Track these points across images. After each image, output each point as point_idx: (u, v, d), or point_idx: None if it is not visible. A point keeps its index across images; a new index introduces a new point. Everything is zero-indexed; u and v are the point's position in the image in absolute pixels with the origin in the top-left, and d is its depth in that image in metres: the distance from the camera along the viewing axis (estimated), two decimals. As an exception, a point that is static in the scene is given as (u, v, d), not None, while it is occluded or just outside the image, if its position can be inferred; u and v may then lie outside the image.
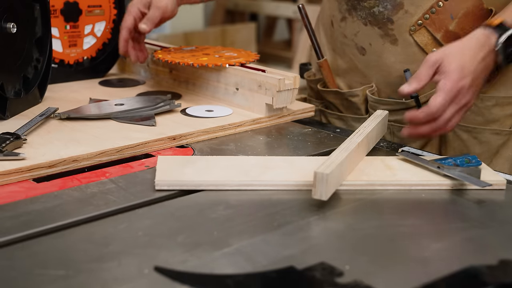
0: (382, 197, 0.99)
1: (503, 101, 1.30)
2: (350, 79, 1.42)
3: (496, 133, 1.30)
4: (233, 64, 1.36)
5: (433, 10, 1.26)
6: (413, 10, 1.28)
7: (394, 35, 1.31)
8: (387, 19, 1.30)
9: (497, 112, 1.30)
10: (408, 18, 1.29)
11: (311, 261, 0.79)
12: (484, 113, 1.30)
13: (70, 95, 1.42)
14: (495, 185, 1.01)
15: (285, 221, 0.90)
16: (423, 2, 1.27)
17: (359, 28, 1.35)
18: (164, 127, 1.23)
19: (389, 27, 1.31)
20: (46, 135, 1.15)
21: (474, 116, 1.31)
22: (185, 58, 1.40)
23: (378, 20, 1.31)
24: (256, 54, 1.45)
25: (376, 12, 1.31)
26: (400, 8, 1.29)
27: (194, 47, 1.53)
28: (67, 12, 1.49)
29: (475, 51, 1.11)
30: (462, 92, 1.09)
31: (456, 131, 1.31)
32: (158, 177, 1.00)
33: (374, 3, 1.31)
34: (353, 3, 1.34)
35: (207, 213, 0.93)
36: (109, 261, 0.78)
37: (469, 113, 1.29)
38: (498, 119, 1.31)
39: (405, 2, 1.28)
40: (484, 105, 1.30)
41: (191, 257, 0.80)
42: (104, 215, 0.90)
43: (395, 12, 1.29)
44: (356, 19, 1.35)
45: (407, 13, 1.28)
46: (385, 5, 1.30)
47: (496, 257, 0.81)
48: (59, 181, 1.00)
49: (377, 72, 1.36)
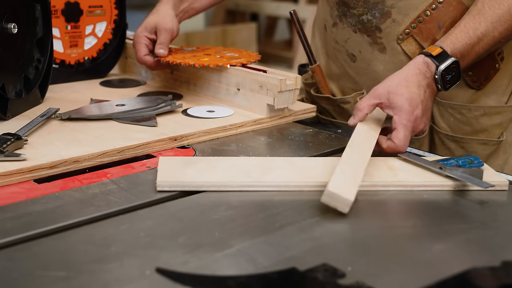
0: (384, 198, 0.99)
1: (491, 110, 1.30)
2: (343, 84, 1.43)
3: (484, 143, 1.30)
4: (234, 65, 1.35)
5: (420, 19, 1.26)
6: (401, 19, 1.28)
7: (383, 43, 1.31)
8: (375, 27, 1.31)
9: (485, 122, 1.31)
10: (396, 27, 1.29)
11: (313, 262, 0.79)
12: (472, 123, 1.31)
13: (71, 96, 1.42)
14: (497, 186, 1.01)
15: (287, 222, 0.90)
16: (410, 11, 1.27)
17: (349, 35, 1.36)
18: (165, 127, 1.22)
19: (378, 35, 1.31)
20: (47, 135, 1.15)
21: (462, 126, 1.31)
22: (186, 59, 1.39)
23: (367, 28, 1.32)
24: (257, 55, 1.44)
25: (364, 20, 1.31)
26: (388, 16, 1.29)
27: (195, 48, 1.53)
28: (68, 13, 1.49)
29: (418, 80, 1.11)
30: (417, 121, 1.09)
31: (444, 140, 1.31)
32: (159, 178, 1.00)
33: (362, 11, 1.31)
34: (343, 10, 1.35)
35: (209, 214, 0.92)
36: (111, 262, 0.78)
37: (456, 122, 1.31)
38: (486, 128, 1.31)
39: (392, 11, 1.28)
40: (472, 115, 1.30)
41: (192, 258, 0.80)
42: (105, 216, 0.90)
43: (383, 20, 1.29)
44: (346, 26, 1.35)
45: (394, 21, 1.28)
46: (373, 13, 1.30)
47: (498, 258, 0.80)
48: (60, 182, 1.00)
49: (367, 79, 1.36)
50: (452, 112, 1.31)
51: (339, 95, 1.43)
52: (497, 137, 1.32)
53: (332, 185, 0.91)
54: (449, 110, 1.31)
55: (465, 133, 1.31)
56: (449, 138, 1.32)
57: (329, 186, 0.91)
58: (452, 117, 1.31)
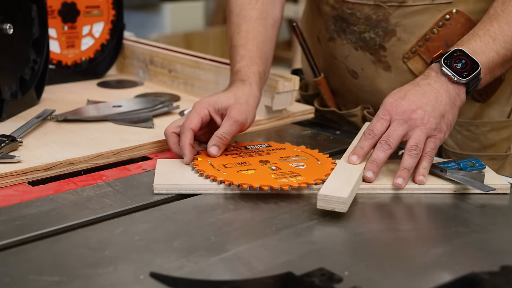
0: (383, 201, 0.98)
1: (498, 125, 1.28)
2: (344, 99, 1.38)
3: (493, 158, 1.28)
4: (297, 187, 0.97)
5: (427, 37, 1.21)
6: (406, 37, 1.22)
7: (387, 62, 1.25)
8: (379, 46, 1.24)
9: (493, 137, 1.28)
10: (401, 45, 1.23)
11: (309, 266, 0.78)
12: (481, 139, 1.28)
13: (68, 97, 1.41)
14: (499, 189, 0.99)
15: (284, 225, 0.89)
16: (416, 29, 1.21)
17: (349, 52, 1.29)
18: (162, 129, 1.20)
19: (382, 53, 1.25)
20: (42, 137, 1.14)
21: (470, 143, 1.28)
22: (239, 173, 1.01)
23: (370, 46, 1.25)
24: (332, 162, 1.06)
25: (367, 37, 1.25)
26: (393, 35, 1.23)
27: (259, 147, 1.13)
28: (64, 13, 1.48)
29: (415, 81, 1.06)
30: (396, 108, 1.02)
31: (451, 157, 1.27)
32: (156, 181, 0.99)
33: (364, 28, 1.24)
34: (341, 25, 1.27)
35: (205, 217, 0.91)
36: (105, 266, 0.77)
37: (464, 139, 1.28)
38: (494, 143, 1.29)
39: (397, 29, 1.22)
40: (480, 131, 1.27)
41: (187, 262, 0.78)
42: (100, 219, 0.89)
43: (387, 39, 1.23)
44: (346, 42, 1.28)
45: (399, 40, 1.23)
46: (377, 31, 1.23)
47: (498, 263, 0.79)
48: (55, 185, 0.99)
49: (371, 96, 1.31)
50: (459, 130, 1.27)
51: (341, 108, 1.39)
52: (505, 151, 1.30)
53: (323, 189, 0.91)
54: (457, 128, 1.27)
55: (473, 149, 1.28)
56: (457, 156, 1.27)
57: (320, 191, 0.90)
58: (459, 134, 1.28)
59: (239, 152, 1.09)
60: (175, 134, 1.09)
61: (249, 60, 1.16)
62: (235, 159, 1.06)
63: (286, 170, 1.02)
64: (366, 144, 1.02)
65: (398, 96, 1.04)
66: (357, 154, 1.02)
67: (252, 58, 1.17)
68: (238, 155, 1.08)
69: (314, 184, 0.97)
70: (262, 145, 1.13)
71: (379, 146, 1.01)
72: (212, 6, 4.60)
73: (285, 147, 1.13)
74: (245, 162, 1.05)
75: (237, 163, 1.04)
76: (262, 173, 1.01)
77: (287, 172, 1.01)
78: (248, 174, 1.00)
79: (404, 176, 0.99)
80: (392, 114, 1.02)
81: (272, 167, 1.03)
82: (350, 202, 0.92)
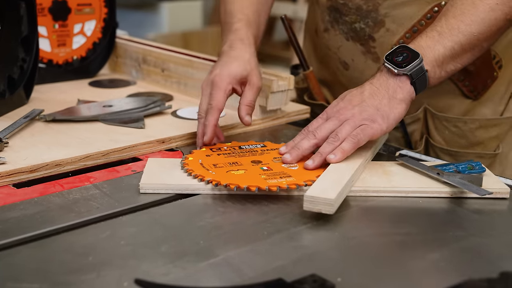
0: (377, 204, 0.95)
1: (487, 123, 1.25)
2: (336, 91, 1.37)
3: (480, 156, 1.25)
4: (285, 188, 0.94)
5: (415, 29, 1.20)
6: (395, 28, 1.22)
7: (376, 53, 1.25)
8: (368, 36, 1.24)
9: (481, 135, 1.26)
10: (390, 36, 1.23)
11: (301, 272, 0.75)
12: (468, 136, 1.26)
13: (58, 96, 1.38)
14: (497, 193, 0.96)
15: (275, 229, 0.86)
16: (404, 21, 1.21)
17: (342, 42, 1.29)
18: (153, 129, 1.18)
19: (371, 44, 1.25)
20: (29, 138, 1.11)
21: (458, 139, 1.26)
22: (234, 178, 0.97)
23: (360, 36, 1.26)
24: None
25: (357, 28, 1.25)
26: (382, 26, 1.23)
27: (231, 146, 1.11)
28: (55, 11, 1.45)
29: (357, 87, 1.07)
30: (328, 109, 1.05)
31: (439, 154, 1.26)
32: (143, 180, 0.96)
33: (355, 18, 1.24)
34: (335, 16, 1.28)
35: (194, 220, 0.88)
36: (88, 273, 0.74)
37: (451, 135, 1.26)
38: (482, 141, 1.26)
39: (386, 20, 1.22)
40: (468, 128, 1.25)
41: (174, 268, 0.76)
42: (86, 223, 0.86)
43: (376, 29, 1.23)
44: (339, 33, 1.29)
45: (388, 31, 1.23)
46: (366, 21, 1.23)
47: (496, 269, 0.76)
48: (40, 187, 0.96)
49: None
50: (447, 125, 1.26)
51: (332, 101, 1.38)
52: (493, 150, 1.27)
53: (310, 190, 0.88)
54: (444, 123, 1.26)
55: (460, 146, 1.26)
56: (444, 152, 1.26)
57: (306, 192, 0.88)
58: (447, 130, 1.26)
59: (232, 152, 1.06)
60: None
61: (247, 22, 1.21)
62: (226, 159, 1.03)
63: (277, 171, 0.99)
64: (297, 138, 1.05)
65: (340, 97, 1.06)
66: (291, 154, 1.02)
67: (249, 22, 1.21)
68: (231, 155, 1.05)
69: (304, 185, 0.94)
70: (257, 145, 1.11)
71: (303, 134, 1.04)
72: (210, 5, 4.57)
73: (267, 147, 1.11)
74: (236, 162, 1.02)
75: (228, 163, 1.02)
76: (252, 174, 0.98)
77: (278, 173, 0.98)
78: (238, 174, 0.97)
79: (315, 159, 1.00)
80: (328, 113, 1.05)
81: (263, 168, 1.00)
82: (338, 204, 0.89)
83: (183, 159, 1.03)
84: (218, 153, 1.06)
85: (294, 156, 1.02)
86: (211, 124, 1.07)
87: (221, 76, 1.10)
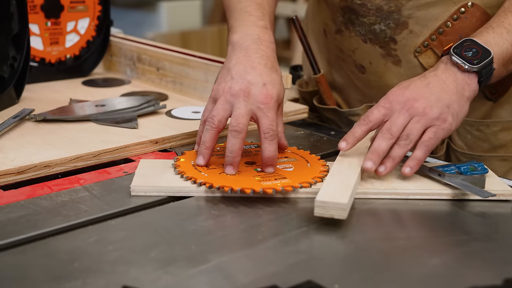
0: (376, 206, 0.92)
1: (509, 125, 1.21)
2: (348, 95, 1.32)
3: (504, 159, 1.22)
4: (281, 190, 0.91)
5: (441, 31, 1.15)
6: (419, 30, 1.16)
7: (398, 55, 1.19)
8: (389, 38, 1.18)
9: (504, 137, 1.22)
10: (413, 38, 1.17)
11: (297, 279, 0.72)
12: (491, 139, 1.22)
13: (50, 96, 1.35)
14: (501, 196, 0.92)
15: (271, 233, 0.83)
16: (429, 22, 1.15)
17: (358, 45, 1.23)
18: (146, 129, 1.15)
19: (392, 47, 1.19)
20: (18, 138, 1.08)
21: (480, 143, 1.22)
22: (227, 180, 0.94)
23: (380, 38, 1.20)
24: (324, 164, 1.01)
25: (377, 30, 1.19)
26: (404, 27, 1.17)
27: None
28: (47, 8, 1.41)
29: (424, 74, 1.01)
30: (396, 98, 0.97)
31: (461, 159, 1.22)
32: (134, 182, 0.93)
33: (375, 20, 1.18)
34: (350, 17, 1.22)
35: (186, 224, 0.85)
36: (73, 280, 0.71)
37: (474, 139, 1.22)
38: (505, 144, 1.22)
39: (409, 21, 1.16)
40: (491, 131, 1.21)
41: (164, 274, 0.72)
42: (73, 227, 0.83)
43: (398, 31, 1.17)
44: (354, 35, 1.23)
45: (411, 33, 1.17)
46: (388, 23, 1.17)
47: (500, 276, 0.73)
48: (28, 189, 0.93)
49: (378, 92, 1.22)
50: (469, 129, 1.21)
51: (344, 106, 1.33)
52: None
53: (320, 195, 0.85)
54: (467, 127, 1.21)
55: (483, 150, 1.22)
56: (467, 156, 1.21)
57: (317, 197, 0.84)
58: (469, 135, 1.22)
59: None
60: None
61: (266, 11, 1.12)
62: (220, 160, 1.00)
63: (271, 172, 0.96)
64: (359, 130, 0.97)
65: (402, 86, 1.00)
66: (347, 140, 0.97)
67: (270, 13, 1.13)
68: (224, 155, 1.02)
69: (300, 187, 0.91)
70: (252, 145, 1.07)
71: (380, 136, 0.95)
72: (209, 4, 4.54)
73: None
74: None
75: (221, 164, 0.98)
76: (245, 175, 0.95)
77: (273, 174, 0.95)
78: (231, 176, 0.94)
79: (387, 165, 0.93)
80: (393, 102, 0.97)
81: (257, 169, 0.97)
82: (349, 208, 0.86)
83: (174, 160, 1.00)
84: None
85: (376, 162, 0.93)
86: (209, 144, 0.97)
87: (272, 94, 0.98)
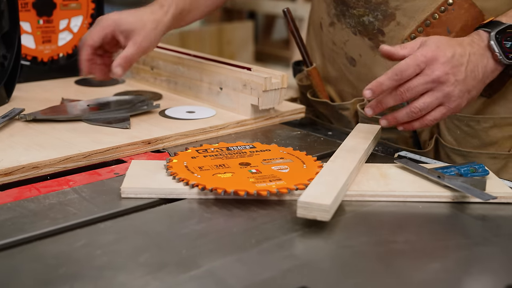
0: (374, 209, 0.89)
1: (501, 122, 1.18)
2: (341, 88, 1.31)
3: (494, 157, 1.19)
4: (275, 192, 0.88)
5: (428, 22, 1.13)
6: (406, 22, 1.15)
7: None
8: (377, 30, 1.18)
9: (495, 134, 1.19)
10: (401, 30, 1.16)
11: (291, 284, 0.69)
12: (481, 136, 1.19)
13: (42, 95, 1.32)
14: (502, 198, 0.90)
15: (264, 237, 0.80)
16: (416, 14, 1.14)
17: (348, 37, 1.23)
18: (139, 129, 1.13)
19: (380, 39, 1.18)
20: (7, 138, 1.05)
21: (470, 139, 1.19)
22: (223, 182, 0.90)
23: (368, 30, 1.19)
24: (319, 164, 0.98)
25: (366, 21, 1.18)
26: (392, 19, 1.16)
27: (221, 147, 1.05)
28: (39, 6, 1.39)
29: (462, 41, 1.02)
30: (433, 63, 0.97)
31: (450, 154, 1.20)
32: (124, 184, 0.90)
33: (363, 11, 1.18)
34: (341, 9, 1.22)
35: (177, 227, 0.83)
36: (59, 285, 0.68)
37: (463, 135, 1.19)
38: (496, 141, 1.19)
39: (397, 13, 1.15)
40: (481, 127, 1.18)
41: (153, 280, 0.70)
42: (60, 230, 0.80)
43: (386, 23, 1.17)
44: (345, 27, 1.22)
45: (399, 25, 1.16)
46: (376, 15, 1.17)
47: (502, 281, 0.71)
48: (15, 191, 0.90)
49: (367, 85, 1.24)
50: (458, 125, 1.19)
51: (337, 100, 1.32)
52: (508, 150, 1.20)
53: (304, 196, 0.82)
54: (456, 122, 1.19)
55: (473, 146, 1.19)
56: (456, 152, 1.19)
57: (300, 198, 0.82)
58: (458, 130, 1.19)
59: (219, 154, 1.01)
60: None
61: None
62: (213, 161, 0.97)
63: (266, 174, 0.93)
64: (388, 83, 0.98)
65: (449, 53, 0.98)
66: (373, 88, 0.99)
67: None
68: (218, 156, 0.99)
69: (295, 189, 0.88)
70: (246, 146, 1.05)
71: (393, 93, 0.99)
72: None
73: (271, 149, 1.04)
74: (223, 164, 0.96)
75: (214, 165, 0.96)
76: (239, 177, 0.92)
77: (267, 176, 0.92)
78: (225, 177, 0.92)
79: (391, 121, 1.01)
80: (428, 65, 0.98)
81: (252, 170, 0.94)
82: (334, 210, 0.83)
83: (167, 161, 0.97)
84: (204, 154, 1.00)
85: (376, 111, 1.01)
86: (82, 59, 1.15)
87: (107, 18, 1.16)
